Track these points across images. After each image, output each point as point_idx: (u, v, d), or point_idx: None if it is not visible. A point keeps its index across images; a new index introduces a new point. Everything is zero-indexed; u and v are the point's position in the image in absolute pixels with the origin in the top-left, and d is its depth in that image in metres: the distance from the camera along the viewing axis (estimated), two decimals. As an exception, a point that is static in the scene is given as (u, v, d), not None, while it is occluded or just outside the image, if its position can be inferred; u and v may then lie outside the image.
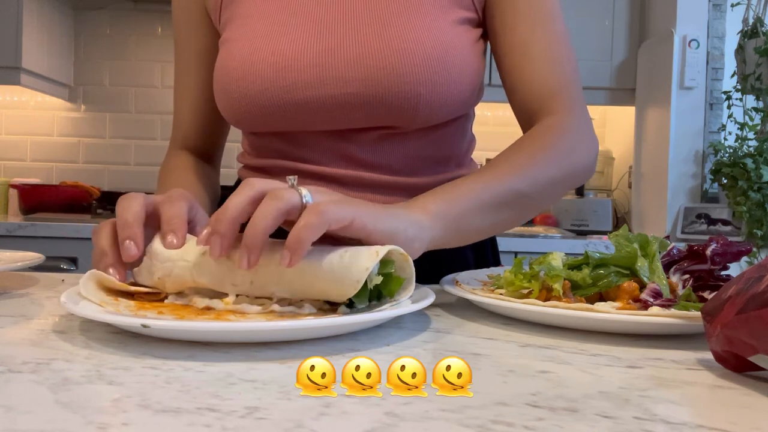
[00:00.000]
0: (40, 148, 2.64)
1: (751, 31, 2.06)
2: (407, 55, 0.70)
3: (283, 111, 0.73)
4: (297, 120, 0.74)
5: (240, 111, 0.75)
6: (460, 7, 0.75)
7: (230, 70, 0.74)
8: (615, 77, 2.39)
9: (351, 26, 0.72)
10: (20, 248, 0.80)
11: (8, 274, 0.72)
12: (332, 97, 0.71)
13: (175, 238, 0.52)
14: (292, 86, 0.71)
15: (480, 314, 0.57)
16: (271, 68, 0.72)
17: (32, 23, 2.29)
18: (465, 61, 0.73)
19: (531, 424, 0.31)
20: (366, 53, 0.70)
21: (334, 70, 0.71)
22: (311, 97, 0.71)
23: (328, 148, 0.76)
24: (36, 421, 0.29)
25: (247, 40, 0.74)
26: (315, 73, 0.71)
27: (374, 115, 0.72)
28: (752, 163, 1.91)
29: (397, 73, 0.69)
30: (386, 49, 0.70)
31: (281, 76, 0.71)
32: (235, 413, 0.31)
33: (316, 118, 0.73)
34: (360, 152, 0.76)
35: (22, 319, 0.51)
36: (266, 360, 0.41)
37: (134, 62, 2.65)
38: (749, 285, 0.39)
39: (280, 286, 0.48)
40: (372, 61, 0.70)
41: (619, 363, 0.43)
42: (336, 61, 0.71)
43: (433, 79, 0.70)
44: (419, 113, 0.72)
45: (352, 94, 0.71)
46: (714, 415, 0.34)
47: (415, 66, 0.70)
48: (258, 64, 0.72)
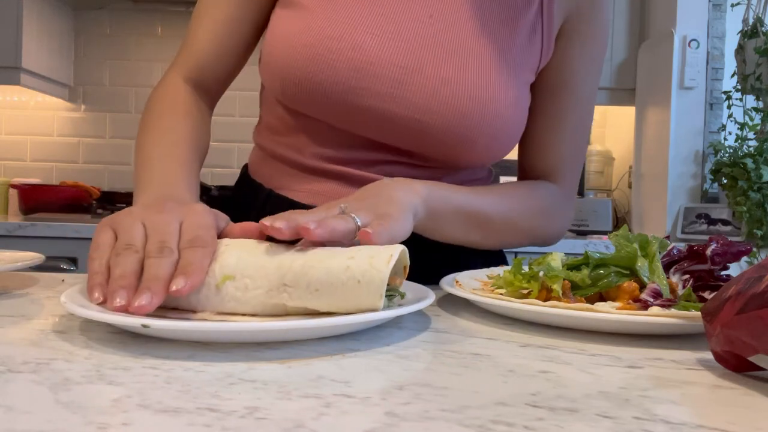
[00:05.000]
0: (40, 148, 2.64)
1: (751, 31, 2.06)
2: (481, 102, 0.71)
3: (345, 109, 0.71)
4: (354, 121, 0.72)
5: (297, 89, 0.71)
6: (529, 70, 0.77)
7: (304, 47, 0.70)
8: (615, 77, 2.39)
9: (435, 52, 0.71)
10: (20, 248, 0.80)
11: (8, 274, 0.72)
12: (399, 117, 0.71)
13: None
14: (365, 91, 0.70)
15: (480, 314, 0.57)
16: (350, 64, 0.69)
17: (32, 23, 2.29)
18: (521, 123, 0.77)
19: (531, 424, 0.31)
20: (442, 88, 0.70)
21: (410, 93, 0.70)
22: (379, 109, 0.71)
23: (364, 154, 0.75)
24: (36, 421, 0.29)
25: (328, 20, 0.71)
26: (391, 87, 0.70)
27: (426, 145, 0.73)
28: (752, 163, 1.91)
29: (468, 116, 0.70)
30: (464, 91, 0.70)
31: (358, 76, 0.70)
32: (235, 413, 0.31)
33: (371, 126, 0.72)
34: (388, 163, 0.75)
35: (22, 319, 0.51)
36: (266, 360, 0.41)
37: (134, 62, 2.65)
38: (749, 285, 0.39)
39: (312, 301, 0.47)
40: (446, 99, 0.70)
41: (619, 363, 0.43)
42: (412, 83, 0.70)
43: (493, 133, 0.72)
44: (467, 158, 0.74)
45: (418, 121, 0.71)
46: (714, 415, 0.34)
47: (484, 116, 0.71)
48: (337, 54, 0.69)
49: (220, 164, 2.59)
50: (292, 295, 0.46)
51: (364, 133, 0.74)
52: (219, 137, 2.59)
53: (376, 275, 0.44)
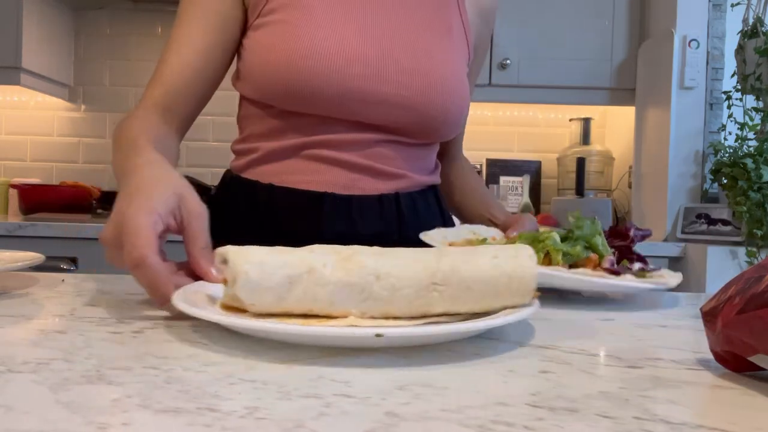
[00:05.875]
0: (40, 148, 2.64)
1: (751, 31, 2.06)
2: (447, 77, 0.87)
3: (338, 96, 0.81)
4: (346, 107, 0.82)
5: (289, 88, 0.80)
6: (467, 50, 0.95)
7: (294, 52, 0.79)
8: (615, 77, 2.39)
9: (402, 42, 0.85)
10: (20, 248, 0.80)
11: (8, 274, 0.72)
12: (387, 94, 0.83)
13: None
14: (355, 75, 0.81)
15: (480, 314, 0.57)
16: (339, 54, 0.80)
17: (32, 23, 2.29)
18: (468, 94, 0.93)
19: (531, 424, 0.31)
20: (417, 66, 0.84)
21: (391, 73, 0.83)
22: (369, 89, 0.82)
23: (354, 137, 0.85)
24: (36, 421, 0.29)
25: (312, 26, 0.81)
26: (374, 69, 0.82)
27: (412, 119, 0.85)
28: (752, 163, 1.91)
29: (441, 90, 0.85)
30: (432, 67, 0.85)
31: (347, 63, 0.80)
32: (235, 413, 0.31)
33: (364, 109, 0.83)
34: (375, 145, 0.86)
35: (22, 319, 0.51)
36: (266, 360, 0.41)
37: (134, 62, 2.65)
38: (749, 285, 0.39)
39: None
40: (423, 74, 0.84)
41: (619, 363, 0.43)
42: (392, 65, 0.83)
43: (458, 103, 0.88)
44: (442, 128, 0.88)
45: (404, 96, 0.83)
46: (714, 415, 0.34)
47: (450, 89, 0.87)
48: (325, 49, 0.80)
49: (220, 164, 2.59)
50: (443, 294, 0.46)
51: (356, 117, 0.83)
52: (220, 138, 2.60)
53: (526, 271, 0.47)
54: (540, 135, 2.73)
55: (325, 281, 0.45)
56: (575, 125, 2.62)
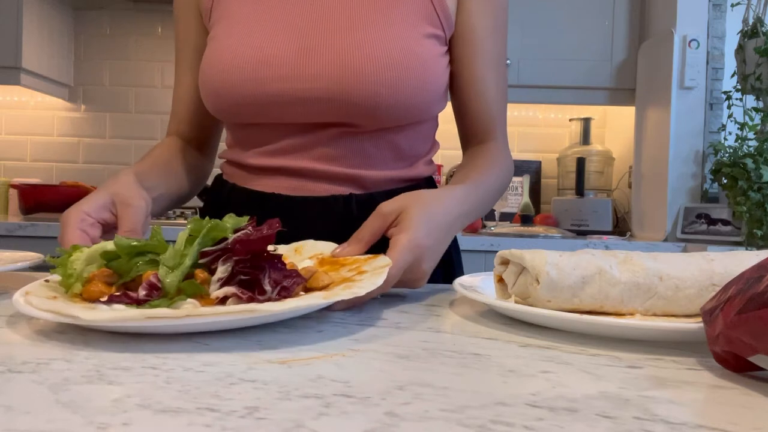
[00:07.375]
0: (40, 148, 2.64)
1: (751, 31, 2.07)
2: (372, 58, 0.79)
3: (259, 102, 0.81)
4: (271, 111, 0.82)
5: (221, 101, 0.83)
6: (428, 24, 0.84)
7: (214, 63, 0.83)
8: (615, 77, 2.39)
9: (326, 31, 0.81)
10: (20, 248, 0.80)
11: (8, 274, 0.72)
12: (303, 90, 0.80)
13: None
14: (268, 79, 0.80)
15: (480, 314, 0.57)
16: (251, 61, 0.81)
17: (32, 23, 2.29)
18: (427, 69, 0.82)
19: (531, 424, 0.31)
20: (336, 55, 0.80)
21: (307, 68, 0.80)
22: (285, 90, 0.80)
23: (296, 141, 0.84)
24: (36, 421, 0.29)
25: (231, 37, 0.83)
26: (290, 69, 0.80)
27: (339, 111, 0.80)
28: (752, 163, 1.91)
29: (361, 72, 0.78)
30: (354, 51, 0.79)
31: (259, 68, 0.80)
32: (235, 413, 0.31)
33: (288, 110, 0.81)
34: (321, 146, 0.83)
35: (22, 319, 0.51)
36: (266, 360, 0.41)
37: (134, 62, 2.65)
38: (749, 285, 0.39)
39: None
40: (341, 62, 0.79)
41: (619, 363, 0.43)
42: (310, 60, 0.80)
43: (394, 82, 0.79)
44: (379, 113, 0.80)
45: (322, 89, 0.79)
46: (714, 415, 0.34)
47: (377, 68, 0.78)
48: (240, 57, 0.81)
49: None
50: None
51: (292, 119, 0.82)
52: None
53: None
54: (540, 135, 2.73)
55: (615, 281, 0.52)
56: (575, 125, 2.62)
